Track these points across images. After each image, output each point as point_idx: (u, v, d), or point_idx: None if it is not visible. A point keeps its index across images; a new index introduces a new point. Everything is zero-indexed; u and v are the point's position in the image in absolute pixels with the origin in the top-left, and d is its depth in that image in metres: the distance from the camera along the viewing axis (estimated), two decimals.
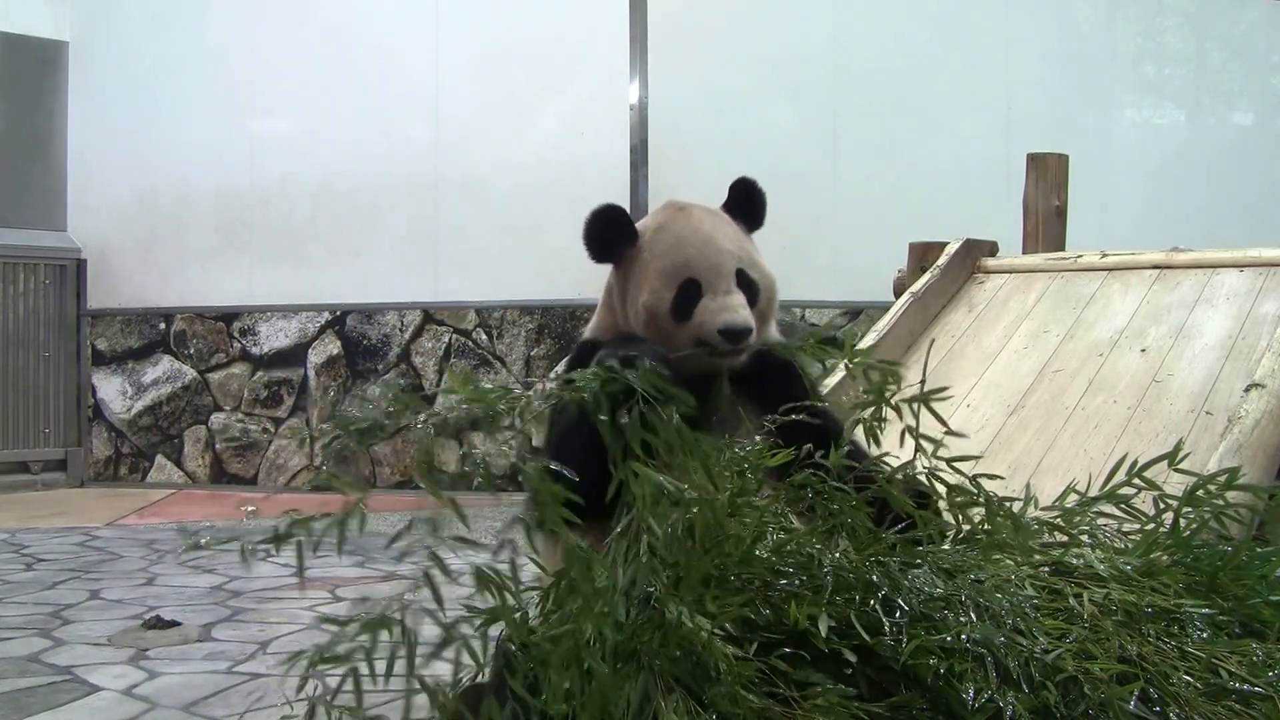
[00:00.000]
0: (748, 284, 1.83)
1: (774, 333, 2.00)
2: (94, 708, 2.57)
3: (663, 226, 1.91)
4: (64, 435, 6.61)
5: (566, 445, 1.62)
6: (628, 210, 1.96)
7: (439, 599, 1.43)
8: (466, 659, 1.48)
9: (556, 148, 6.07)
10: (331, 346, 6.38)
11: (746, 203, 1.95)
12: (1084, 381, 2.75)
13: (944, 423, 1.64)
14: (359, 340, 6.33)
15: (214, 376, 6.53)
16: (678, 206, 1.94)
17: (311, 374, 6.39)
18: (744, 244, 1.88)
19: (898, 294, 3.43)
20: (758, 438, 1.61)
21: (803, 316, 6.27)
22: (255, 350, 6.48)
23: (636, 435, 1.42)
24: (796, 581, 1.40)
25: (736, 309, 1.78)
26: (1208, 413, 2.48)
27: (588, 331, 2.03)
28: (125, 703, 2.60)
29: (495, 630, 1.52)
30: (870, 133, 6.42)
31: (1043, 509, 1.70)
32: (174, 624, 3.25)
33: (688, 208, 1.93)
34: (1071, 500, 1.72)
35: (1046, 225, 3.71)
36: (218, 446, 6.50)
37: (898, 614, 1.37)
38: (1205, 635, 1.42)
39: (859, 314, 6.26)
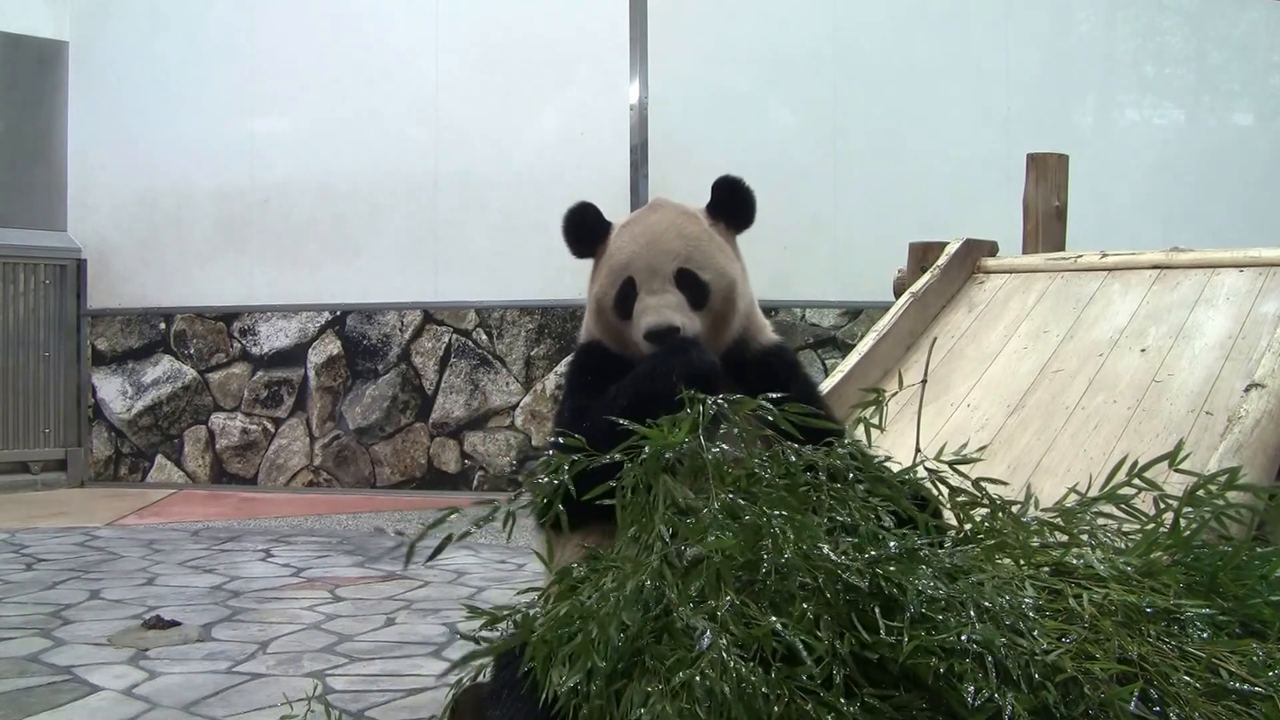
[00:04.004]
0: (693, 284, 1.82)
1: (770, 334, 2.00)
2: (94, 708, 2.56)
3: (628, 224, 1.94)
4: (64, 435, 6.61)
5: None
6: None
7: None
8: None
9: (556, 148, 6.07)
10: (331, 346, 6.38)
11: (729, 202, 1.93)
12: (1084, 381, 2.75)
13: None
14: (359, 340, 6.33)
15: (214, 376, 6.54)
16: (653, 204, 1.96)
17: (311, 374, 6.39)
18: (700, 244, 1.86)
19: (898, 294, 3.43)
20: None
21: (803, 316, 6.28)
22: (255, 350, 6.48)
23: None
24: (796, 582, 1.39)
25: (659, 310, 1.78)
26: (1208, 413, 2.48)
27: (583, 334, 2.03)
28: (125, 703, 2.60)
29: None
30: (870, 132, 6.42)
31: (1043, 509, 1.70)
32: (174, 624, 3.25)
33: (659, 206, 1.94)
34: (1071, 500, 1.72)
35: (1046, 225, 3.71)
36: (218, 446, 6.50)
37: (898, 615, 1.37)
38: (1205, 635, 1.42)
39: (859, 314, 6.26)
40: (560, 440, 1.60)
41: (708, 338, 1.84)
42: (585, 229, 1.94)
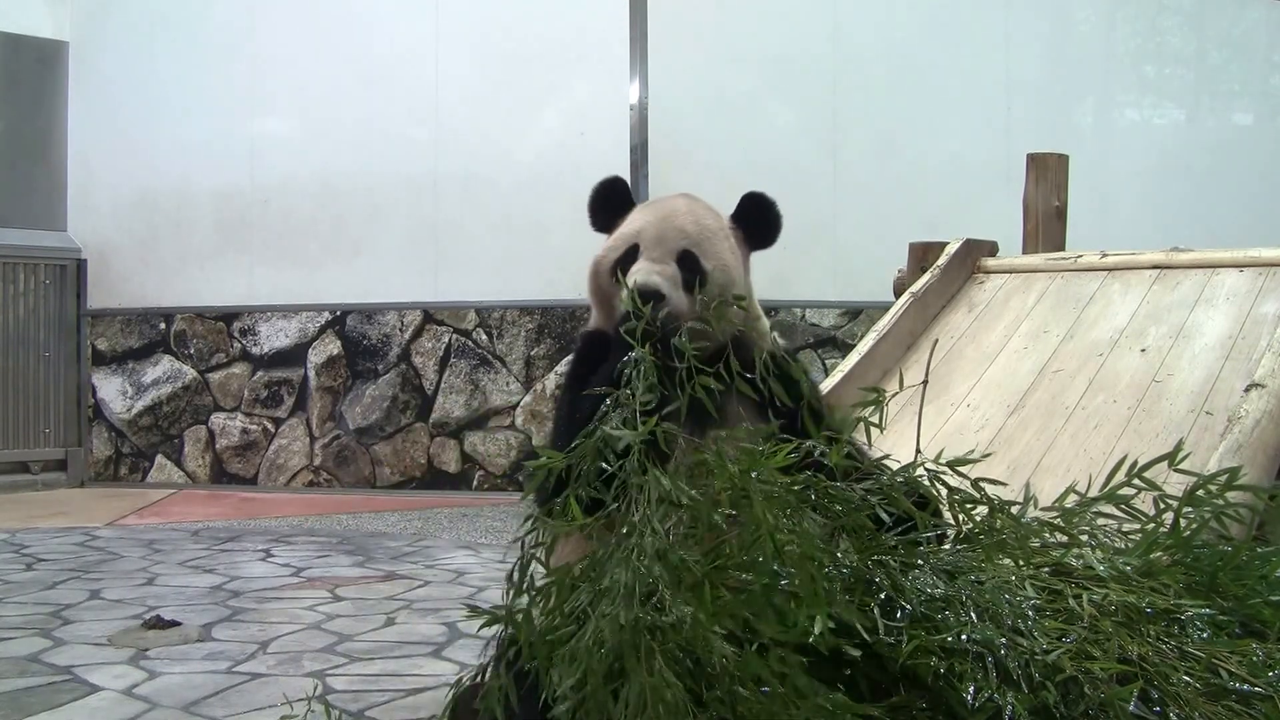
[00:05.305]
0: (694, 268, 1.83)
1: (774, 339, 2.01)
2: (94, 708, 2.57)
3: (649, 203, 1.96)
4: (64, 435, 6.61)
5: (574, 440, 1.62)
6: None
7: None
8: (468, 658, 1.47)
9: (556, 148, 6.07)
10: (331, 346, 6.38)
11: (755, 217, 1.95)
12: (1084, 381, 2.75)
13: None
14: (359, 340, 6.33)
15: (214, 376, 6.54)
16: (679, 194, 1.97)
17: (311, 374, 6.39)
18: (712, 236, 1.87)
19: (898, 294, 3.43)
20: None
21: (803, 316, 6.27)
22: (255, 350, 6.48)
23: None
24: (797, 582, 1.39)
25: (651, 273, 1.78)
26: (1208, 413, 2.48)
27: (591, 323, 2.04)
28: (125, 703, 2.60)
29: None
30: (870, 133, 6.42)
31: (1042, 509, 1.70)
32: (174, 624, 3.25)
33: (685, 196, 1.96)
34: (1071, 500, 1.72)
35: (1046, 225, 3.71)
36: (218, 446, 6.50)
37: (898, 614, 1.37)
38: (1205, 635, 1.42)
39: (859, 314, 6.26)
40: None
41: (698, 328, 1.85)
42: (611, 203, 1.96)
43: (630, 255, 1.85)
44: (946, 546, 1.60)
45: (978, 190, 6.08)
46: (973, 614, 1.37)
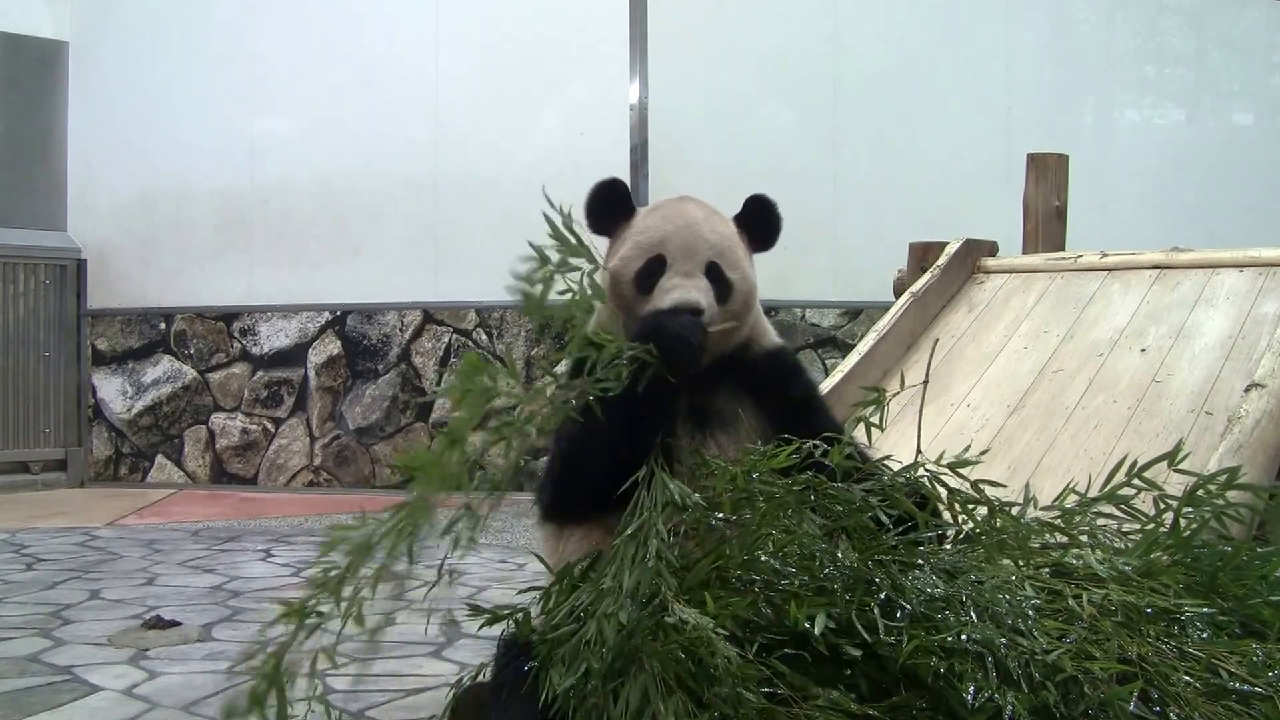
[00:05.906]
0: (720, 279, 1.84)
1: (774, 337, 2.01)
2: (94, 708, 2.56)
3: (656, 208, 1.96)
4: (64, 435, 6.60)
5: (579, 439, 1.63)
6: None
7: None
8: (468, 658, 1.48)
9: (557, 147, 6.07)
10: (331, 346, 6.38)
11: (759, 220, 1.96)
12: (1084, 381, 2.75)
13: None
14: (359, 340, 6.33)
15: (214, 376, 6.53)
16: (683, 197, 1.97)
17: (311, 374, 6.38)
18: (731, 245, 1.89)
19: (898, 294, 3.43)
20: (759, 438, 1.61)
21: (803, 316, 6.27)
22: (255, 350, 6.48)
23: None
24: (797, 582, 1.40)
25: (689, 289, 1.79)
26: (1208, 413, 2.48)
27: (590, 325, 2.03)
28: (125, 703, 2.60)
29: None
30: (870, 133, 6.42)
31: (1042, 509, 1.70)
32: (174, 624, 3.25)
33: (691, 199, 1.96)
34: (1071, 500, 1.72)
35: (1046, 225, 3.71)
36: (218, 446, 6.50)
37: (898, 614, 1.37)
38: (1205, 635, 1.42)
39: (859, 314, 6.26)
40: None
41: (718, 337, 1.85)
42: (610, 205, 1.95)
43: (654, 266, 1.84)
44: (947, 546, 1.61)
45: (978, 190, 6.08)
46: (973, 614, 1.37)
